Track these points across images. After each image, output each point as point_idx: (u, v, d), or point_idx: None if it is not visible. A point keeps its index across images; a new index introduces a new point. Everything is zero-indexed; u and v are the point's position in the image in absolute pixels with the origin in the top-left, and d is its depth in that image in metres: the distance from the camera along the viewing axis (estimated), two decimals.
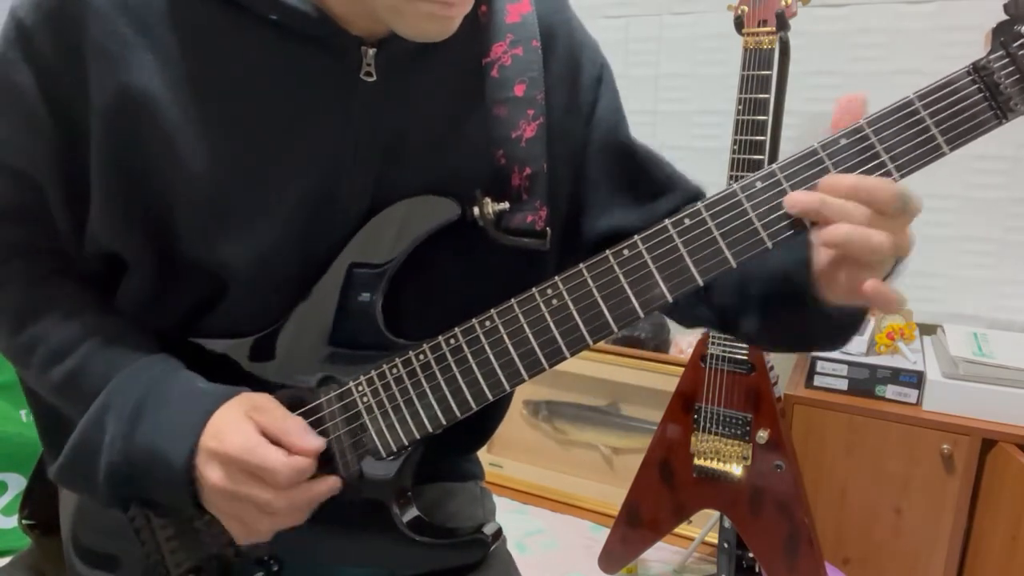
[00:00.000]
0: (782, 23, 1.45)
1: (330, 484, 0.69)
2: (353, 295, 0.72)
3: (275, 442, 0.67)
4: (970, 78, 0.59)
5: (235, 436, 0.66)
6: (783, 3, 1.44)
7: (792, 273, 0.68)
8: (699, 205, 0.63)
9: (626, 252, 0.64)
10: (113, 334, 0.73)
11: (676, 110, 2.10)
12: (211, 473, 0.66)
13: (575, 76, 0.80)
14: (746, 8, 1.47)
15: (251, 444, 0.65)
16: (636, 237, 0.64)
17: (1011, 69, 0.58)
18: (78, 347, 0.72)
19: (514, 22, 0.75)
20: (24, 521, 0.93)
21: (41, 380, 0.74)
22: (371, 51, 0.68)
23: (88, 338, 0.72)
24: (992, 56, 0.58)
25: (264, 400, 0.70)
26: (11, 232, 0.76)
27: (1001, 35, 0.58)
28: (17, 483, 1.95)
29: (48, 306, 0.74)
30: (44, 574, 0.92)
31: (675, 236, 0.63)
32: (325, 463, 0.71)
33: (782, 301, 0.72)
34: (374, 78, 0.69)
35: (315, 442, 0.68)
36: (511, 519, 2.27)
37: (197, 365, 0.74)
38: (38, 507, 0.93)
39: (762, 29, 1.46)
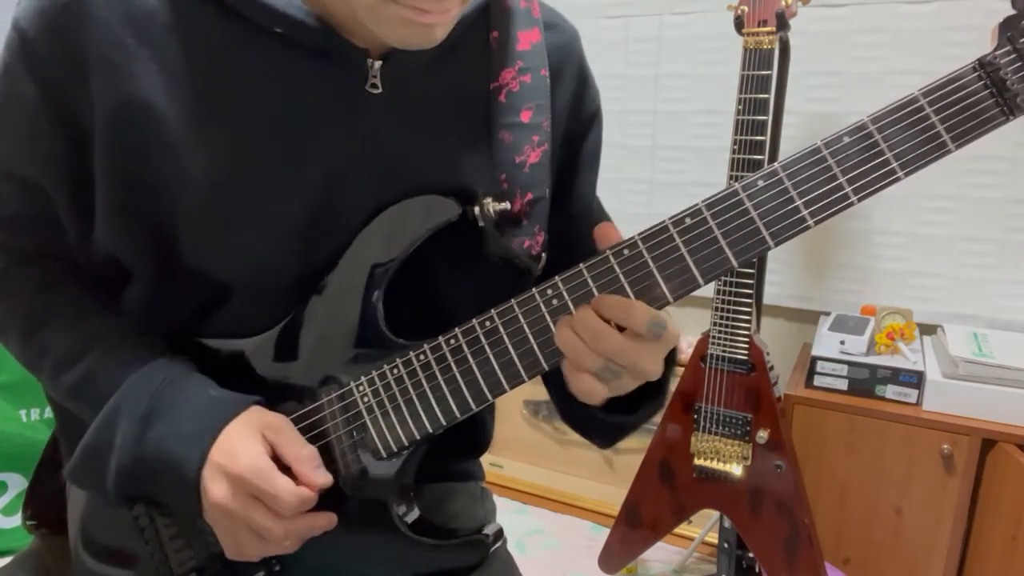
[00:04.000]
0: (782, 23, 1.45)
1: (327, 520, 0.70)
2: (369, 295, 0.72)
3: (285, 468, 0.67)
4: (976, 74, 0.58)
5: (246, 456, 0.66)
6: (783, 3, 1.44)
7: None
8: (700, 204, 0.62)
9: (626, 252, 0.64)
10: (123, 338, 0.73)
11: (676, 110, 2.09)
12: (216, 489, 0.66)
13: (577, 108, 0.81)
14: (746, 8, 1.47)
15: (262, 467, 0.65)
16: (636, 236, 0.64)
17: (1018, 65, 0.57)
18: (88, 352, 0.72)
19: (524, 50, 0.76)
20: (28, 521, 0.93)
21: (53, 385, 0.74)
22: (377, 63, 0.68)
23: (98, 343, 0.72)
24: (999, 52, 0.57)
25: (279, 421, 0.70)
26: (20, 239, 0.76)
27: (1008, 30, 0.57)
28: (17, 483, 1.95)
29: (58, 311, 0.74)
30: (48, 572, 0.92)
31: (675, 236, 0.62)
32: (326, 463, 0.71)
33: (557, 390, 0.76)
34: (380, 90, 0.69)
35: (324, 478, 0.68)
36: (511, 519, 2.27)
37: (207, 365, 0.74)
38: (41, 506, 0.93)
39: (762, 29, 1.46)
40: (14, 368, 1.73)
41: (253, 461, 0.65)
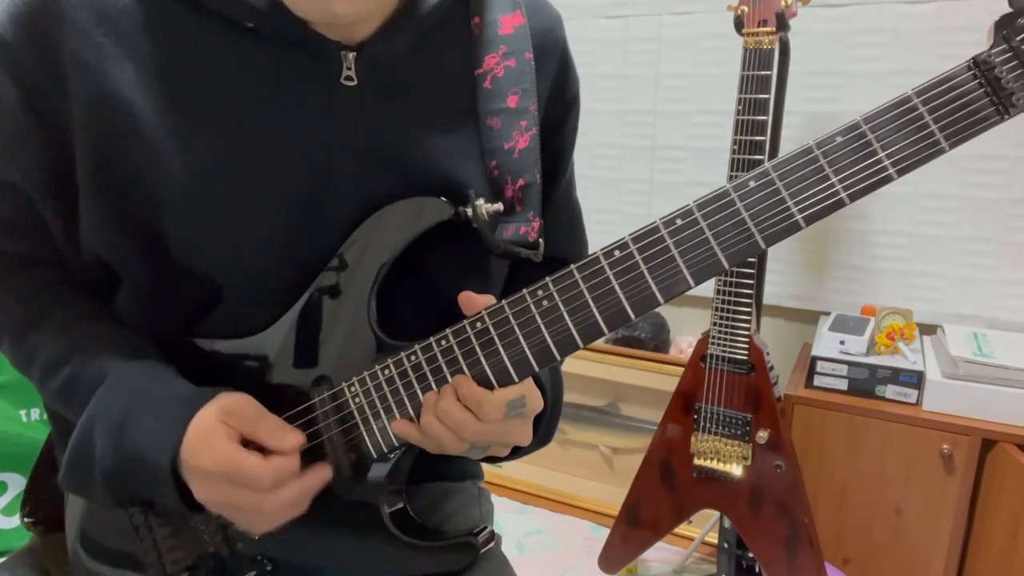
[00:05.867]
0: (782, 23, 1.45)
1: (320, 475, 0.69)
2: (365, 297, 0.72)
3: (252, 445, 0.66)
4: (971, 72, 0.57)
5: (208, 449, 0.65)
6: (783, 3, 1.44)
7: None
8: (691, 204, 0.62)
9: (617, 253, 0.63)
10: (106, 343, 0.73)
11: (676, 110, 2.09)
12: (196, 488, 0.66)
13: (560, 92, 0.82)
14: (746, 8, 1.47)
15: (223, 455, 0.65)
16: (627, 237, 0.63)
17: (1014, 63, 0.56)
18: (73, 357, 0.72)
19: (507, 33, 0.76)
20: (26, 519, 0.93)
21: (42, 390, 0.74)
22: (351, 55, 0.68)
23: (83, 348, 0.72)
24: (994, 50, 0.57)
25: (238, 402, 0.68)
26: (9, 244, 0.76)
27: (1004, 28, 0.57)
28: (17, 483, 1.95)
29: (45, 317, 0.74)
30: (46, 570, 0.92)
31: (666, 236, 0.62)
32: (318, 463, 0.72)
33: None
34: (355, 82, 0.69)
35: (292, 439, 0.67)
36: (511, 519, 2.27)
37: (202, 366, 0.74)
38: (39, 505, 0.93)
39: (762, 29, 1.46)
40: (13, 368, 1.73)
41: (216, 451, 0.65)
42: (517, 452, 0.75)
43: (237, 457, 0.65)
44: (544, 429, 0.78)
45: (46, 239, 0.74)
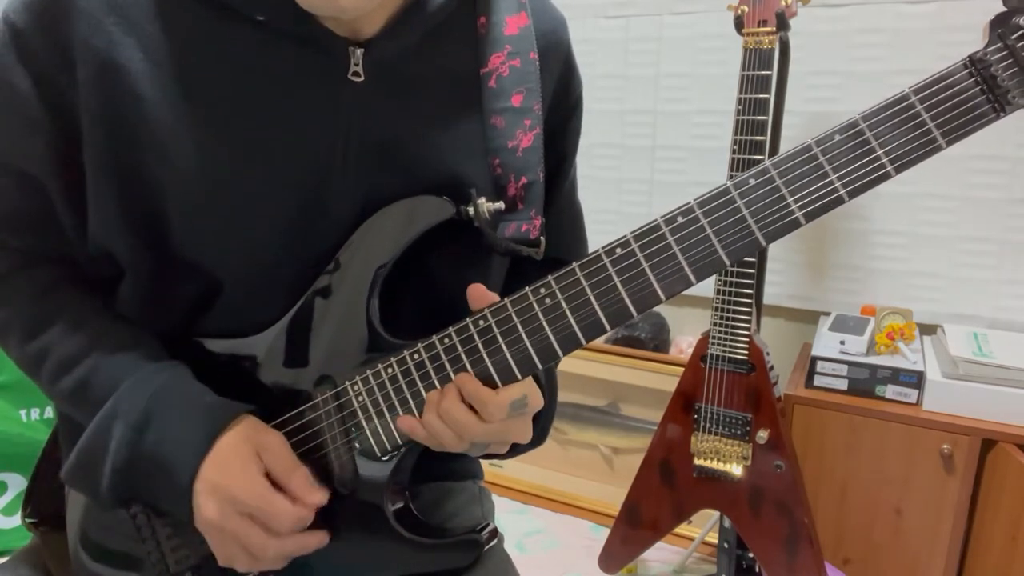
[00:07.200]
0: (782, 23, 1.45)
1: (319, 539, 0.71)
2: (367, 296, 0.72)
3: (279, 487, 0.68)
4: (967, 71, 0.58)
5: (241, 476, 0.66)
6: (783, 3, 1.44)
7: None
8: (692, 203, 0.62)
9: (619, 251, 0.64)
10: (121, 342, 0.73)
11: (676, 110, 2.10)
12: (209, 506, 0.66)
13: (564, 93, 0.82)
14: (746, 8, 1.47)
15: (257, 488, 0.66)
16: (629, 235, 0.64)
17: (1009, 61, 0.57)
18: (86, 357, 0.72)
19: (512, 34, 0.76)
20: (28, 519, 0.93)
21: (52, 390, 0.74)
22: (359, 51, 0.68)
23: (96, 347, 0.72)
24: (990, 48, 0.58)
25: (275, 443, 0.69)
26: (19, 240, 0.76)
27: (999, 27, 0.58)
28: (17, 483, 1.95)
29: (57, 316, 0.74)
30: (47, 571, 0.92)
31: (668, 234, 0.63)
32: (320, 463, 0.72)
33: None
34: (362, 78, 0.69)
35: (319, 496, 0.68)
36: (511, 519, 2.27)
37: (204, 365, 0.74)
38: (41, 504, 0.93)
39: (762, 29, 1.46)
40: (14, 368, 1.74)
41: (250, 482, 0.66)
42: (515, 449, 0.76)
43: (270, 497, 0.67)
44: (543, 425, 0.79)
45: (55, 234, 0.74)
